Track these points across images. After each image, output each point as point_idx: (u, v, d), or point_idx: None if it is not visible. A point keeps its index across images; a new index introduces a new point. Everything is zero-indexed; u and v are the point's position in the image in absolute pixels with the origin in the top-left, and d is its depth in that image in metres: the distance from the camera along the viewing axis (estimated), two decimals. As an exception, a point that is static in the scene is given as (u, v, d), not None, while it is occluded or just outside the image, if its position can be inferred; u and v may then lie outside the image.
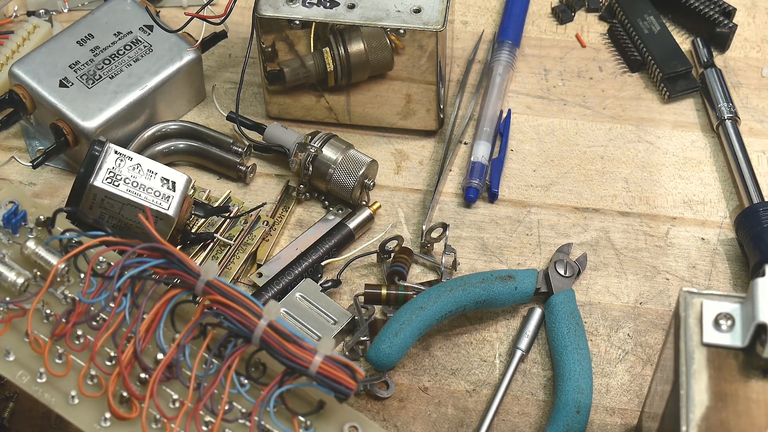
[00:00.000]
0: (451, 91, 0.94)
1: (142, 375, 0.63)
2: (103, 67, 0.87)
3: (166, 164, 0.83)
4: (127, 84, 0.86)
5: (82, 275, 0.64)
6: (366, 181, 0.86)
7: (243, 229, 0.84)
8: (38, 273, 0.66)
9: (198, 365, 0.62)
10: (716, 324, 0.62)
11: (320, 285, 0.82)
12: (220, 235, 0.84)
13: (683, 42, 0.97)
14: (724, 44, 0.96)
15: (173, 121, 0.89)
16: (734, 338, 0.62)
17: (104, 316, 0.64)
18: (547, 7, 1.00)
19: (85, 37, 0.88)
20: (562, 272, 0.82)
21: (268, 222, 0.85)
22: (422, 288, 0.81)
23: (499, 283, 0.80)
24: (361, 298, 0.80)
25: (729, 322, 0.62)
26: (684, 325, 0.62)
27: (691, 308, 0.63)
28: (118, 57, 0.87)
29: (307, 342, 0.62)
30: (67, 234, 0.65)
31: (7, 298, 0.64)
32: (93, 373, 0.63)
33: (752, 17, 0.99)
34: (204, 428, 0.61)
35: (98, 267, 0.66)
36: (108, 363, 0.63)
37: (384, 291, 0.80)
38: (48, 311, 0.65)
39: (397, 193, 0.88)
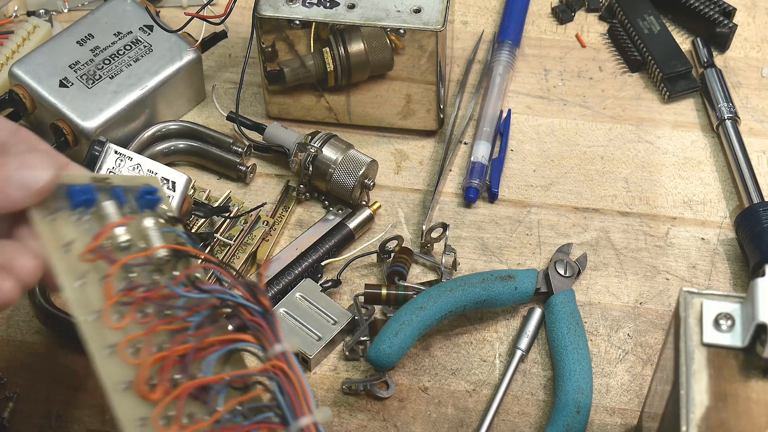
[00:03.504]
0: (451, 91, 0.94)
1: (176, 376, 0.60)
2: (103, 67, 0.87)
3: (166, 164, 0.83)
4: (127, 84, 0.86)
5: (176, 273, 0.63)
6: (366, 181, 0.86)
7: (243, 229, 0.84)
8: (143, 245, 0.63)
9: (226, 409, 0.60)
10: (716, 324, 0.62)
11: (320, 285, 0.82)
12: (220, 235, 0.84)
13: (683, 42, 0.97)
14: (724, 44, 0.96)
15: (173, 121, 0.89)
16: (734, 338, 0.62)
17: (173, 314, 0.62)
18: (547, 7, 1.00)
19: (85, 37, 0.88)
20: (562, 272, 0.82)
21: (268, 222, 0.85)
22: (422, 288, 0.81)
23: (499, 283, 0.80)
24: (361, 298, 0.80)
25: (729, 322, 0.62)
26: (684, 325, 0.62)
27: (691, 308, 0.63)
28: (118, 57, 0.87)
29: None
30: (180, 231, 0.64)
31: (107, 243, 0.61)
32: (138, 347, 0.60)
33: (752, 17, 0.99)
34: None
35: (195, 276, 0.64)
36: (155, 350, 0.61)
37: (384, 291, 0.80)
38: (132, 278, 0.62)
39: (397, 193, 0.88)
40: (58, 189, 0.61)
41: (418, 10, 0.84)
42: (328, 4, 0.84)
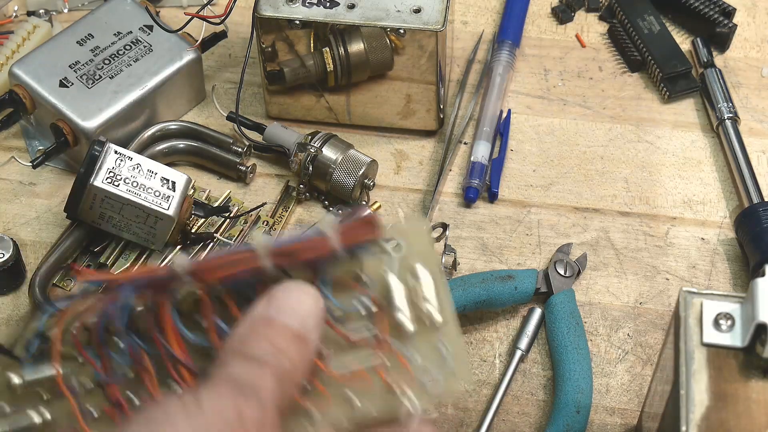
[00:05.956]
0: (451, 91, 0.94)
1: None
2: (103, 67, 0.87)
3: (166, 164, 0.83)
4: (127, 84, 0.86)
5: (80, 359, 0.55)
6: (366, 181, 0.86)
7: (243, 229, 0.84)
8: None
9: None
10: (716, 324, 0.62)
11: (320, 285, 0.82)
12: (220, 235, 0.84)
13: (683, 42, 0.97)
14: (724, 44, 0.96)
15: (173, 121, 0.89)
16: (734, 338, 0.62)
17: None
18: (547, 7, 1.00)
19: (85, 37, 0.88)
20: (562, 272, 0.82)
21: (268, 222, 0.85)
22: (422, 288, 0.80)
23: (499, 283, 0.80)
24: (361, 298, 0.80)
25: (729, 322, 0.62)
26: (684, 325, 0.62)
27: (691, 308, 0.63)
28: (118, 57, 0.87)
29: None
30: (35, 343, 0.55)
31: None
32: None
33: (752, 17, 0.99)
34: None
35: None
36: None
37: (384, 291, 0.80)
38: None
39: (397, 193, 0.88)
40: None
41: (418, 10, 0.84)
42: (328, 4, 0.84)
